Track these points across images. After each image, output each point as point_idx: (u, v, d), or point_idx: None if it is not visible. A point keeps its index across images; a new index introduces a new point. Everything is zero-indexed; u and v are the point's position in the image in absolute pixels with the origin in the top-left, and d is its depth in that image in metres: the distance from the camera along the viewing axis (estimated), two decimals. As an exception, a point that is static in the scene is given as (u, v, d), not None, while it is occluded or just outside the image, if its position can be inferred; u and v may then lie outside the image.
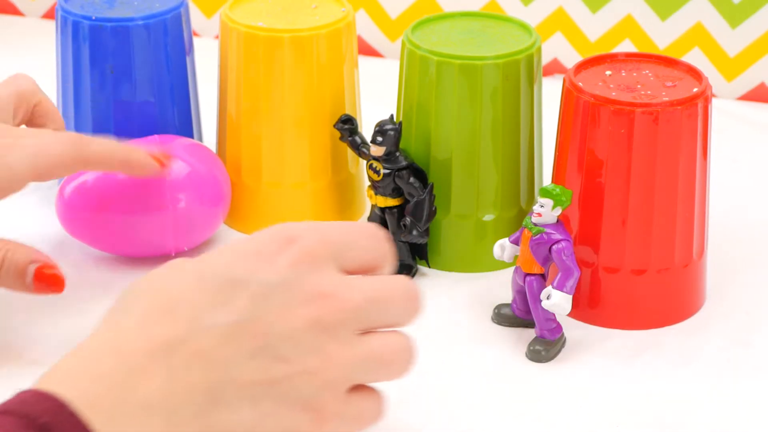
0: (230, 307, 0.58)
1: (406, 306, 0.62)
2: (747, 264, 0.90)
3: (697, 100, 0.80)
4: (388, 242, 0.64)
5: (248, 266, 0.59)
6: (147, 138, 0.88)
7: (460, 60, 0.84)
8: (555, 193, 0.77)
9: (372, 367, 0.61)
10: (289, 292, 0.59)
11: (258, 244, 0.60)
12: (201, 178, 0.87)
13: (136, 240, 0.86)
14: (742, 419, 0.75)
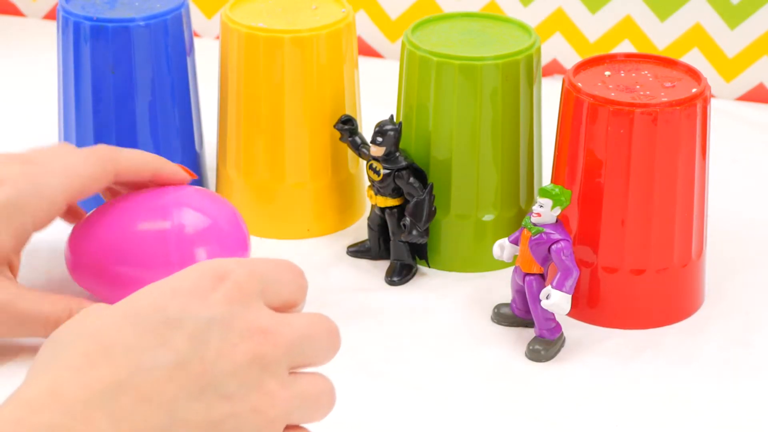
0: (169, 347, 0.56)
1: (329, 343, 0.61)
2: (746, 264, 0.90)
3: (696, 100, 0.80)
4: (305, 278, 0.63)
5: (181, 304, 0.57)
6: (158, 189, 0.83)
7: (460, 60, 0.84)
8: (554, 193, 0.77)
9: (305, 407, 0.59)
10: (226, 328, 0.57)
11: (189, 282, 0.58)
12: (222, 231, 0.82)
13: None
14: (741, 418, 0.75)
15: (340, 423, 0.71)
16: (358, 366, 0.78)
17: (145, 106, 0.91)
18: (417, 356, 0.80)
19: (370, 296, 0.85)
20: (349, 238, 0.93)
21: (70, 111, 0.93)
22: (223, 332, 0.57)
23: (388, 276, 0.88)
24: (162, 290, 0.58)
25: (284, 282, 0.61)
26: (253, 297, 0.59)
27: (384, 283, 0.87)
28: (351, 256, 0.90)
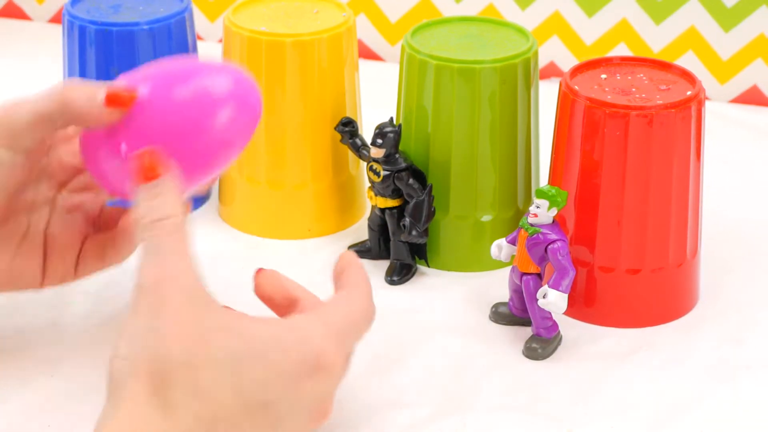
0: (253, 421, 0.62)
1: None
2: (740, 264, 0.90)
3: (691, 102, 0.80)
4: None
5: (280, 389, 0.63)
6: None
7: (459, 64, 0.85)
8: (551, 194, 0.78)
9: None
10: (306, 410, 0.64)
11: (290, 366, 0.63)
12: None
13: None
14: (734, 416, 0.75)
15: (340, 422, 0.72)
16: (358, 364, 0.78)
17: None
18: (416, 355, 0.80)
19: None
20: (349, 238, 0.93)
21: None
22: (301, 412, 0.64)
23: (388, 275, 0.88)
24: (267, 367, 0.63)
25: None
26: (339, 382, 0.66)
27: (384, 283, 0.88)
28: (351, 256, 0.91)
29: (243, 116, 0.71)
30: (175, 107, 0.70)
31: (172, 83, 0.70)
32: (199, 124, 0.70)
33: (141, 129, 0.70)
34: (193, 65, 0.73)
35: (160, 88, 0.70)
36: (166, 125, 0.70)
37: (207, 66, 0.72)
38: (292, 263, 0.89)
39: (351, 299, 0.69)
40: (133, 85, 0.71)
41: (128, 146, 0.70)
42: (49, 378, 0.77)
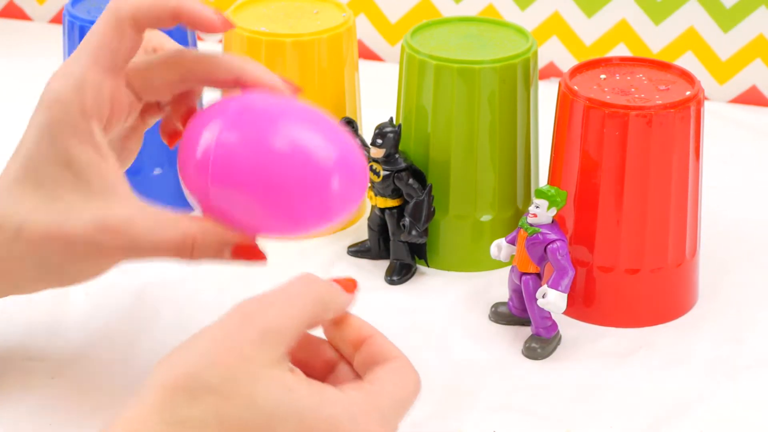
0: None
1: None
2: (739, 263, 0.90)
3: (690, 103, 0.80)
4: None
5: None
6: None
7: (459, 64, 0.85)
8: (550, 194, 0.78)
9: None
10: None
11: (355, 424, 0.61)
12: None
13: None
14: (734, 415, 0.75)
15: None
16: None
17: None
18: (416, 354, 0.79)
19: (370, 295, 0.85)
20: (349, 238, 0.93)
21: None
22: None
23: (388, 275, 0.88)
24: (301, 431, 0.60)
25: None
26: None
27: (384, 283, 0.88)
28: (351, 255, 0.91)
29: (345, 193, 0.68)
30: (273, 165, 0.66)
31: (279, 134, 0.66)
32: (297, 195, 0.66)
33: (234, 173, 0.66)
34: (314, 121, 0.68)
35: (266, 134, 0.66)
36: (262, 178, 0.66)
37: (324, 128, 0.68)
38: (292, 263, 0.90)
39: (401, 371, 0.65)
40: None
41: (214, 174, 0.66)
42: (49, 378, 0.77)
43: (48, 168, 0.68)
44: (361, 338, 0.65)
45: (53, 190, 0.68)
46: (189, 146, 0.67)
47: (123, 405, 0.60)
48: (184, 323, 0.83)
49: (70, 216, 0.67)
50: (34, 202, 0.68)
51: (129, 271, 0.88)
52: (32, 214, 0.68)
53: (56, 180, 0.68)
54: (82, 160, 0.67)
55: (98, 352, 0.79)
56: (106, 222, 0.67)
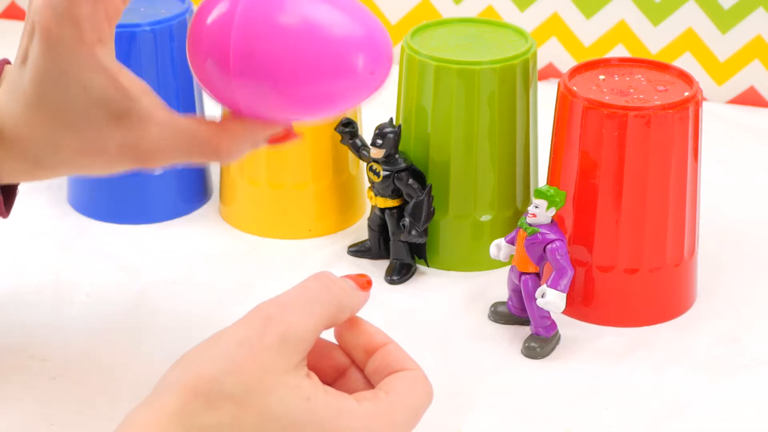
0: None
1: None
2: (736, 263, 0.90)
3: (688, 103, 0.80)
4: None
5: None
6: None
7: (458, 65, 0.85)
8: (549, 194, 0.78)
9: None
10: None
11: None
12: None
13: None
14: (732, 414, 0.75)
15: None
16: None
17: None
18: (415, 353, 0.79)
19: (370, 294, 0.85)
20: (349, 238, 0.93)
21: None
22: None
23: (388, 275, 0.88)
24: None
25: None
26: None
27: (384, 282, 0.88)
28: (351, 255, 0.91)
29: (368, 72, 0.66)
30: (296, 38, 0.63)
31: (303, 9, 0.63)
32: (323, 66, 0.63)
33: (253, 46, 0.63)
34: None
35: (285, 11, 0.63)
36: (282, 51, 0.63)
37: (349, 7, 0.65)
38: (292, 263, 0.90)
39: (414, 382, 0.64)
40: None
41: (235, 65, 0.64)
42: (51, 378, 0.77)
43: (66, 97, 0.67)
44: (374, 346, 0.65)
45: (78, 116, 0.67)
46: (203, 36, 0.65)
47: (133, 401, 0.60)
48: (185, 323, 0.83)
49: (103, 140, 0.67)
50: (63, 126, 0.67)
51: (130, 271, 0.88)
52: (66, 139, 0.67)
53: (77, 106, 0.67)
54: (96, 86, 0.66)
55: (99, 351, 0.79)
56: (137, 146, 0.67)
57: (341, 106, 0.66)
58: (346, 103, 0.66)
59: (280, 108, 0.65)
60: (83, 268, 0.88)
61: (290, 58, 0.63)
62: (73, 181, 0.96)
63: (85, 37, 0.65)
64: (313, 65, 0.63)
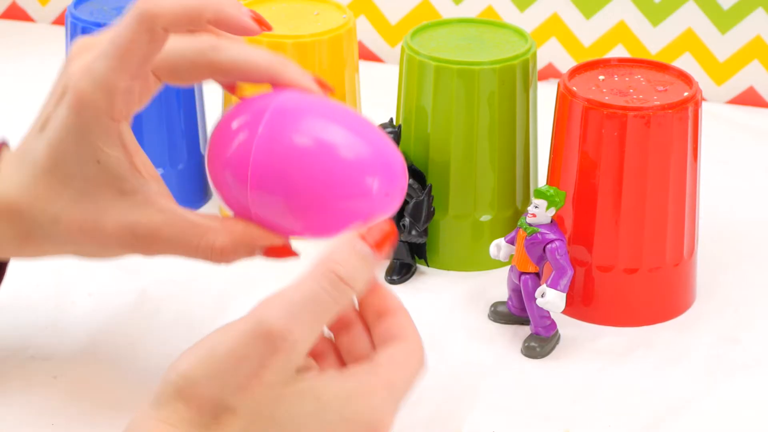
0: None
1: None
2: (736, 263, 0.90)
3: (688, 104, 0.80)
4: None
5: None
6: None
7: (458, 65, 0.85)
8: (549, 194, 0.78)
9: None
10: None
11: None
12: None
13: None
14: (731, 414, 0.75)
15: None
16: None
17: (152, 109, 0.91)
18: None
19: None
20: (349, 238, 0.94)
21: None
22: None
23: (388, 275, 0.88)
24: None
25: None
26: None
27: (384, 282, 0.87)
28: (352, 255, 0.91)
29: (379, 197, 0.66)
30: (308, 158, 0.64)
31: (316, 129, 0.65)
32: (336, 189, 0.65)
33: (271, 168, 0.65)
34: (348, 120, 0.66)
35: (303, 127, 0.65)
36: (296, 172, 0.65)
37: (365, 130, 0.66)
38: (292, 263, 0.90)
39: (411, 352, 0.64)
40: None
41: (253, 179, 0.65)
42: (52, 378, 0.77)
43: (77, 165, 0.68)
44: (384, 309, 0.65)
45: (84, 187, 0.68)
46: (223, 147, 0.66)
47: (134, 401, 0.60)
48: (186, 323, 0.83)
49: (103, 215, 0.68)
50: (67, 198, 0.68)
51: (131, 271, 0.88)
52: (66, 210, 0.68)
53: (87, 178, 0.68)
54: (111, 161, 0.67)
55: (100, 351, 0.80)
56: (134, 229, 0.67)
57: (344, 226, 0.66)
58: (356, 223, 0.66)
59: (292, 224, 0.66)
60: (84, 268, 0.88)
61: (307, 179, 0.64)
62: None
63: (114, 111, 0.66)
64: (331, 186, 0.64)
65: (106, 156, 0.67)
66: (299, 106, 0.66)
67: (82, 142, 0.67)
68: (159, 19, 0.65)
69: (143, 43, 0.65)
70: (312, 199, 0.65)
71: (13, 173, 0.70)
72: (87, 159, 0.67)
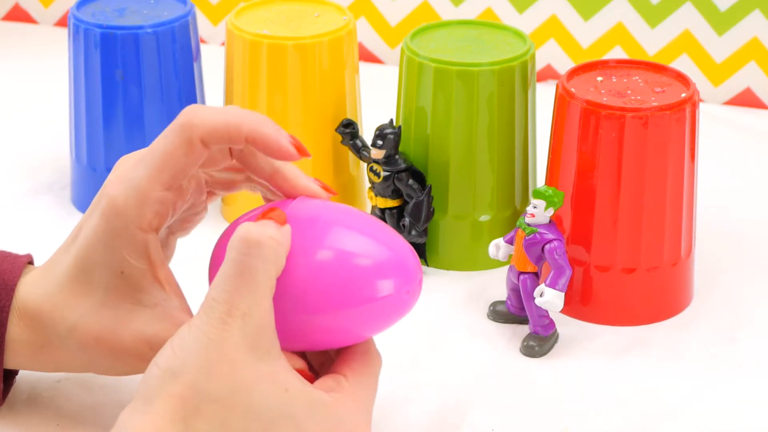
0: None
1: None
2: (733, 263, 0.90)
3: (685, 105, 0.80)
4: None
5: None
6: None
7: (457, 66, 0.85)
8: (547, 194, 0.78)
9: None
10: None
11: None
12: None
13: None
14: (729, 413, 0.75)
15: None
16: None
17: (154, 110, 0.92)
18: (414, 351, 0.81)
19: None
20: (350, 238, 0.94)
21: (80, 114, 0.93)
22: None
23: (388, 274, 0.89)
24: (298, 430, 0.62)
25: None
26: None
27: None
28: (352, 255, 0.92)
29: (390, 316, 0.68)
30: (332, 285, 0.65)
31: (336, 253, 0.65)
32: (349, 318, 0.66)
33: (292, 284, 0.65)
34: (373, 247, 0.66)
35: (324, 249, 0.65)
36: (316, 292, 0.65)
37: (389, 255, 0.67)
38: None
39: (367, 356, 0.67)
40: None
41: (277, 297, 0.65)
42: (56, 381, 0.77)
43: (102, 273, 0.68)
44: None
45: (106, 296, 0.68)
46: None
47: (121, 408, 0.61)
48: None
49: (120, 325, 0.68)
50: (88, 305, 0.68)
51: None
52: (85, 317, 0.68)
53: (109, 287, 0.68)
54: (135, 272, 0.68)
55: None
56: (149, 339, 0.68)
57: (378, 327, 0.67)
58: (384, 323, 0.67)
59: (311, 336, 0.66)
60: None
61: (322, 289, 0.64)
62: (77, 182, 0.96)
63: (143, 220, 0.67)
64: (350, 297, 0.65)
65: (130, 267, 0.67)
66: (311, 214, 0.66)
67: (108, 250, 0.67)
68: (197, 130, 0.65)
69: (181, 154, 0.66)
70: (325, 313, 0.65)
71: (38, 280, 0.70)
72: (112, 268, 0.67)
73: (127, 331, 0.68)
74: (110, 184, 0.67)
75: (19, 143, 1.07)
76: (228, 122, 0.66)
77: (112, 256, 0.67)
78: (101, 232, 0.67)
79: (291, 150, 0.66)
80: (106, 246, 0.67)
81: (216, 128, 0.66)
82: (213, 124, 0.66)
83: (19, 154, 1.04)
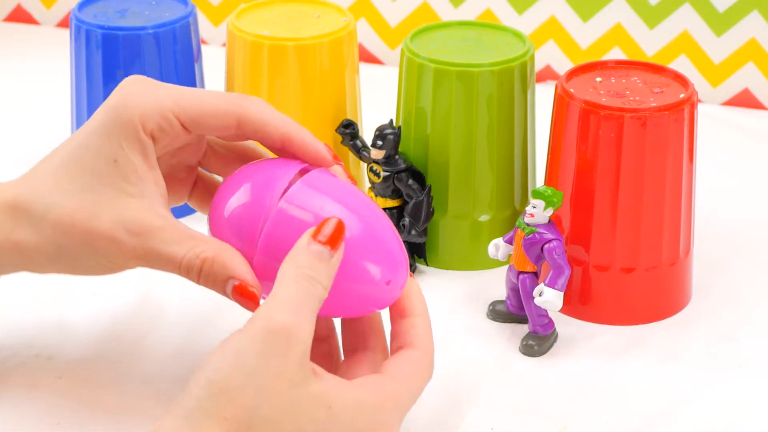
0: None
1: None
2: (731, 262, 0.90)
3: (684, 105, 0.80)
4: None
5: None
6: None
7: (457, 67, 0.85)
8: (546, 194, 0.78)
9: None
10: None
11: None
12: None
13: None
14: (727, 412, 0.75)
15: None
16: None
17: None
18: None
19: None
20: (350, 238, 0.94)
21: (82, 115, 0.94)
22: None
23: (388, 274, 0.89)
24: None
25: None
26: None
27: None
28: (352, 255, 0.92)
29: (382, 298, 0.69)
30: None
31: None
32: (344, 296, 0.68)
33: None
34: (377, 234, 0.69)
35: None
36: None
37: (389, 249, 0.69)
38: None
39: (420, 364, 0.67)
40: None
41: (264, 245, 0.68)
42: (56, 378, 0.77)
43: (95, 160, 0.68)
44: (407, 311, 0.68)
45: (92, 180, 0.68)
46: (238, 204, 0.68)
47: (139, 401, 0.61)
48: (190, 321, 0.83)
49: (98, 209, 0.68)
50: (70, 188, 0.69)
51: (135, 271, 0.88)
52: (63, 199, 0.68)
53: (98, 172, 0.68)
54: (128, 161, 0.68)
55: (105, 350, 0.80)
56: (129, 223, 0.68)
57: (354, 311, 0.69)
58: (360, 308, 0.69)
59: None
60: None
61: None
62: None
63: (149, 123, 0.68)
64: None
65: (124, 157, 0.68)
66: (323, 186, 0.68)
67: (107, 138, 0.68)
68: (247, 127, 0.71)
69: (217, 126, 0.69)
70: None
71: (32, 172, 0.71)
72: (105, 154, 0.68)
73: (107, 214, 0.68)
74: (133, 83, 0.69)
75: (21, 144, 1.07)
76: (278, 130, 0.70)
77: (109, 144, 0.68)
78: (104, 120, 0.68)
79: (328, 157, 0.71)
80: (105, 134, 0.68)
81: (265, 130, 0.70)
82: (262, 123, 0.70)
83: (20, 154, 1.04)
